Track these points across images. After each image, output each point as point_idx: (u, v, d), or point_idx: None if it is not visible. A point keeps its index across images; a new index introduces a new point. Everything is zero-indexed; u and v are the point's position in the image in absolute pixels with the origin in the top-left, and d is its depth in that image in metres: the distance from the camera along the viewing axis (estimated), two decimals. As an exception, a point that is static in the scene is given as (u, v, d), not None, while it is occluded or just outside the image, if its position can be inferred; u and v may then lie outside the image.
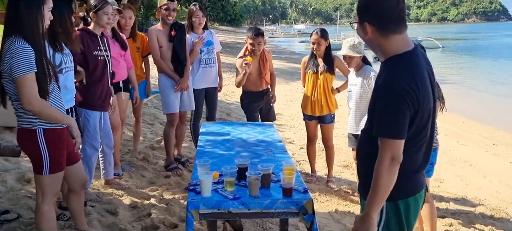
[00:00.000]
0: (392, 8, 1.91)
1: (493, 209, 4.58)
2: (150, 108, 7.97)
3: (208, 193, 2.64)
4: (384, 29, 1.92)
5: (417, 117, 1.89)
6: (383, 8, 1.91)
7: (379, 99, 1.91)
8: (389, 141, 1.87)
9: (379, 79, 1.96)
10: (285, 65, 21.76)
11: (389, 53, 1.95)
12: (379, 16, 1.92)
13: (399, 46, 1.94)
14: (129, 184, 4.38)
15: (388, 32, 1.92)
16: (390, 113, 1.86)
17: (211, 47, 5.16)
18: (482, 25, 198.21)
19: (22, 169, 4.34)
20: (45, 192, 2.68)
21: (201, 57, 5.07)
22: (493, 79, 19.91)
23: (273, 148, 3.77)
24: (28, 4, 2.49)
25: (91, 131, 3.83)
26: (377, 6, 1.92)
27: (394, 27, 1.92)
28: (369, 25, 1.94)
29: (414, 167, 2.02)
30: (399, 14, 1.92)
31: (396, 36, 1.93)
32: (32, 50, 2.47)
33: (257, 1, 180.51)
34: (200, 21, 5.06)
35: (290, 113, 9.30)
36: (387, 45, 1.94)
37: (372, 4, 1.94)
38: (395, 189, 1.93)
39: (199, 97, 5.15)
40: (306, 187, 2.80)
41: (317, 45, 4.69)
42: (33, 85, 2.48)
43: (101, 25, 3.90)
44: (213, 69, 5.19)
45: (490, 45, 47.98)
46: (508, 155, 7.34)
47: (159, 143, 5.95)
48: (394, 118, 1.86)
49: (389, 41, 1.93)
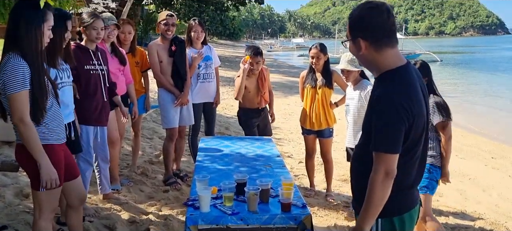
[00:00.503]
0: (384, 22, 1.93)
1: (492, 223, 4.56)
2: (149, 123, 7.97)
3: (206, 208, 2.64)
4: (378, 44, 1.94)
5: (412, 131, 1.90)
6: (376, 22, 1.93)
7: (375, 115, 1.92)
8: (383, 155, 1.88)
9: (373, 95, 1.97)
10: (284, 79, 21.81)
11: (383, 68, 1.97)
12: (372, 30, 1.94)
13: (393, 61, 1.96)
14: (127, 198, 4.37)
15: (382, 46, 1.94)
16: (385, 128, 1.88)
17: (209, 62, 5.18)
18: (479, 38, 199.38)
19: (21, 184, 4.33)
20: (42, 208, 2.67)
21: (199, 72, 5.10)
22: (491, 93, 19.97)
23: (272, 162, 3.77)
24: (28, 20, 2.50)
25: (85, 145, 3.80)
26: (369, 21, 1.94)
27: (387, 41, 1.94)
28: (362, 40, 1.96)
29: (408, 182, 2.03)
30: (391, 28, 1.95)
31: (389, 50, 1.95)
32: (27, 67, 2.47)
33: (256, 15, 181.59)
34: (199, 36, 5.09)
35: (289, 127, 9.30)
36: (381, 60, 1.96)
37: (365, 19, 1.95)
38: (390, 205, 1.93)
39: (197, 112, 5.15)
40: (304, 202, 2.80)
41: (316, 59, 4.70)
42: (25, 103, 2.47)
43: (91, 40, 3.91)
44: (211, 84, 5.21)
45: (488, 58, 48.23)
46: (507, 168, 7.33)
47: (158, 157, 5.94)
48: (389, 133, 1.87)
49: (383, 56, 1.95)
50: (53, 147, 2.65)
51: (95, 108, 3.84)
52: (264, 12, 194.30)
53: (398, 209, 2.02)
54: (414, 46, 49.80)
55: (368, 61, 2.01)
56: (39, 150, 2.55)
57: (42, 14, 2.54)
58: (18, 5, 2.58)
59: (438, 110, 3.48)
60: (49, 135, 2.63)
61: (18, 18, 2.51)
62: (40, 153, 2.55)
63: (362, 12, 1.96)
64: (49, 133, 2.63)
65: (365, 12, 1.95)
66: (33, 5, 2.54)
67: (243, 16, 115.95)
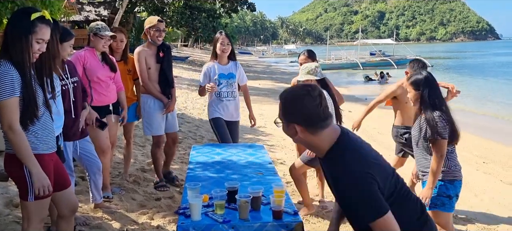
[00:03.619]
0: (317, 107, 1.96)
1: (484, 228, 4.59)
2: (141, 131, 7.88)
3: (197, 217, 2.63)
4: (313, 128, 1.98)
5: (387, 182, 1.96)
6: (309, 109, 1.96)
7: (346, 196, 1.95)
8: (378, 221, 1.89)
9: (331, 176, 2.00)
10: (276, 85, 21.87)
11: (324, 148, 2.01)
12: (306, 116, 1.97)
13: (330, 138, 2.00)
14: (119, 207, 4.34)
15: (317, 129, 1.98)
16: (364, 200, 1.90)
17: (232, 81, 4.94)
18: (470, 44, 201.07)
19: (10, 194, 4.29)
20: (31, 218, 2.65)
21: (220, 90, 4.89)
22: (482, 97, 20.14)
23: (263, 169, 3.77)
24: (16, 30, 2.49)
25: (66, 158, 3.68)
26: (302, 108, 1.97)
27: (322, 124, 1.98)
28: (297, 125, 1.99)
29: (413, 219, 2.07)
30: (324, 111, 1.99)
31: (325, 131, 2.00)
32: (18, 75, 2.46)
33: (248, 22, 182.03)
34: (225, 49, 4.86)
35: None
36: (319, 141, 2.01)
37: (298, 107, 1.98)
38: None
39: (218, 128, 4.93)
40: (296, 209, 2.79)
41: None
42: (14, 111, 2.46)
43: (63, 56, 3.68)
44: (231, 102, 4.96)
45: (479, 63, 48.65)
46: (498, 173, 7.37)
47: (150, 165, 5.91)
48: (370, 200, 1.90)
49: (319, 137, 2.00)
50: (42, 156, 2.62)
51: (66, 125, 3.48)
52: (256, 19, 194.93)
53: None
54: (405, 51, 50.17)
55: (306, 143, 2.05)
56: (29, 158, 2.53)
57: (31, 25, 2.51)
58: (13, 14, 2.59)
59: (428, 126, 3.32)
60: (38, 144, 2.61)
61: (9, 27, 2.51)
62: (31, 161, 2.53)
63: (297, 100, 1.99)
64: (39, 142, 2.61)
65: (298, 99, 1.99)
66: (24, 15, 2.53)
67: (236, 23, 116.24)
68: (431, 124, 3.26)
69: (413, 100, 3.43)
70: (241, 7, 33.79)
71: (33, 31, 2.53)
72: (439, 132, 3.24)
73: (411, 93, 3.42)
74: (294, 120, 1.99)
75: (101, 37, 4.33)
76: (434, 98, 3.34)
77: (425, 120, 3.31)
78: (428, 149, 3.39)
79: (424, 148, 3.41)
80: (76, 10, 21.97)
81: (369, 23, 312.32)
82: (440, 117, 3.27)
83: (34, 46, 2.55)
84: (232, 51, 4.96)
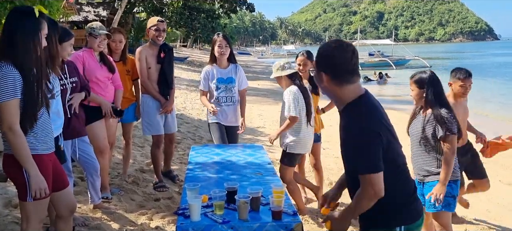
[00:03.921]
0: (347, 61, 2.08)
1: (483, 228, 4.60)
2: (140, 131, 7.89)
3: (197, 217, 2.63)
4: (338, 80, 2.09)
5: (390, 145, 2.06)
6: (338, 61, 2.08)
7: (349, 144, 2.10)
8: (368, 176, 2.01)
9: (342, 126, 2.13)
10: (275, 86, 21.84)
11: (345, 100, 2.12)
12: (334, 67, 2.09)
13: (353, 93, 2.11)
14: (118, 208, 4.33)
15: (342, 82, 2.09)
16: (363, 152, 2.02)
17: (231, 85, 4.80)
18: (468, 44, 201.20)
19: (9, 194, 4.28)
20: (30, 218, 2.65)
21: (218, 95, 4.78)
22: (481, 98, 20.14)
23: (263, 170, 3.77)
24: (25, 31, 2.49)
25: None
26: (333, 59, 2.09)
27: (348, 78, 2.09)
28: (324, 74, 2.11)
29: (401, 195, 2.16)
30: (353, 67, 2.10)
31: (350, 86, 2.10)
32: (19, 76, 2.46)
33: (247, 23, 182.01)
34: (223, 52, 4.72)
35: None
36: (342, 94, 2.11)
37: (329, 58, 2.10)
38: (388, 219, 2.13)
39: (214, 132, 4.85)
40: (295, 210, 2.80)
41: (303, 66, 4.74)
42: (15, 112, 2.46)
43: (63, 56, 3.69)
44: (230, 108, 4.83)
45: (477, 64, 48.63)
46: (497, 173, 7.37)
47: (149, 166, 5.91)
48: (368, 155, 2.01)
49: (343, 91, 2.11)
50: (41, 157, 2.62)
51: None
52: (255, 20, 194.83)
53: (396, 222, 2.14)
54: (403, 52, 50.15)
55: (330, 93, 2.17)
56: (28, 159, 2.53)
57: (38, 23, 2.54)
58: (12, 14, 2.57)
59: (437, 124, 3.31)
60: (37, 145, 2.61)
61: (13, 28, 2.50)
62: (29, 162, 2.53)
63: (328, 50, 2.13)
64: (38, 142, 2.62)
65: (331, 51, 2.12)
66: (28, 14, 2.53)
67: (235, 23, 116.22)
68: (442, 121, 3.29)
69: (415, 98, 3.46)
70: (240, 8, 33.80)
71: (41, 28, 2.55)
72: (449, 128, 3.28)
73: (415, 91, 3.44)
74: (323, 69, 2.11)
75: (95, 36, 4.34)
76: (439, 96, 3.38)
77: (434, 117, 3.31)
78: (429, 148, 3.39)
79: (425, 147, 3.41)
80: (75, 11, 21.95)
81: (368, 23, 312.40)
82: (447, 113, 3.31)
83: (42, 42, 2.57)
84: (231, 53, 4.84)
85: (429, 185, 3.42)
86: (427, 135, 3.38)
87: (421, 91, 3.40)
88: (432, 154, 3.40)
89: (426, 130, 3.37)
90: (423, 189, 3.47)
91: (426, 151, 3.42)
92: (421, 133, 3.40)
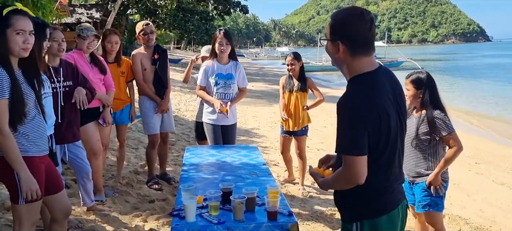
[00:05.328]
0: (366, 31, 1.96)
1: (477, 228, 4.61)
2: (134, 133, 7.90)
3: (192, 218, 2.62)
4: (354, 50, 1.97)
5: (381, 132, 1.92)
6: (357, 31, 1.96)
7: (338, 119, 1.94)
8: (350, 158, 1.90)
9: (339, 100, 1.99)
10: (269, 87, 21.88)
11: (353, 72, 2.01)
12: (352, 37, 1.96)
13: (364, 67, 1.99)
14: (112, 210, 4.31)
15: (357, 53, 1.98)
16: (347, 131, 1.90)
17: (230, 82, 4.71)
18: (461, 46, 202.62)
19: (2, 197, 4.24)
20: (22, 221, 2.61)
21: (216, 91, 4.68)
22: (474, 99, 20.28)
23: (258, 171, 3.76)
24: None
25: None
26: (351, 28, 1.96)
27: (364, 50, 1.98)
28: (341, 44, 1.98)
29: (383, 184, 2.02)
30: (371, 38, 1.99)
31: (364, 58, 1.99)
32: (7, 76, 2.42)
33: (241, 25, 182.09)
34: (224, 49, 4.65)
35: (275, 135, 9.29)
36: (354, 65, 2.00)
37: (347, 25, 1.98)
38: (363, 209, 2.01)
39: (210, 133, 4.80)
40: (290, 210, 2.79)
41: (291, 66, 5.29)
42: (3, 113, 2.42)
43: (53, 54, 3.70)
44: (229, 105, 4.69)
45: (470, 65, 48.98)
46: (491, 173, 7.43)
47: (143, 167, 5.89)
48: (351, 135, 1.89)
49: (355, 62, 1.99)
50: (33, 159, 2.59)
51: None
52: (249, 21, 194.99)
53: (372, 212, 2.02)
54: (396, 54, 50.32)
55: (341, 63, 2.04)
56: (18, 161, 2.49)
57: (5, 19, 2.45)
58: None
59: (438, 124, 3.32)
60: (29, 147, 2.58)
61: None
62: (19, 164, 2.50)
63: (347, 17, 1.99)
64: (29, 144, 2.58)
65: (349, 18, 1.98)
66: None
67: (229, 25, 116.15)
68: (442, 121, 3.30)
69: (411, 98, 3.43)
70: (234, 10, 33.74)
71: (9, 25, 2.47)
72: (450, 126, 3.32)
73: (411, 91, 3.42)
74: (340, 38, 1.98)
75: (84, 38, 4.33)
76: (435, 97, 3.40)
77: (433, 118, 3.31)
78: (421, 149, 3.39)
79: (417, 148, 3.41)
80: (68, 13, 21.80)
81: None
82: (443, 113, 3.34)
83: (17, 39, 2.47)
84: (232, 50, 4.77)
85: (419, 186, 3.43)
86: (420, 136, 3.38)
87: (418, 92, 3.40)
88: (424, 155, 3.40)
89: (419, 131, 3.38)
90: (413, 189, 3.49)
91: (418, 152, 3.42)
92: (415, 134, 3.40)
